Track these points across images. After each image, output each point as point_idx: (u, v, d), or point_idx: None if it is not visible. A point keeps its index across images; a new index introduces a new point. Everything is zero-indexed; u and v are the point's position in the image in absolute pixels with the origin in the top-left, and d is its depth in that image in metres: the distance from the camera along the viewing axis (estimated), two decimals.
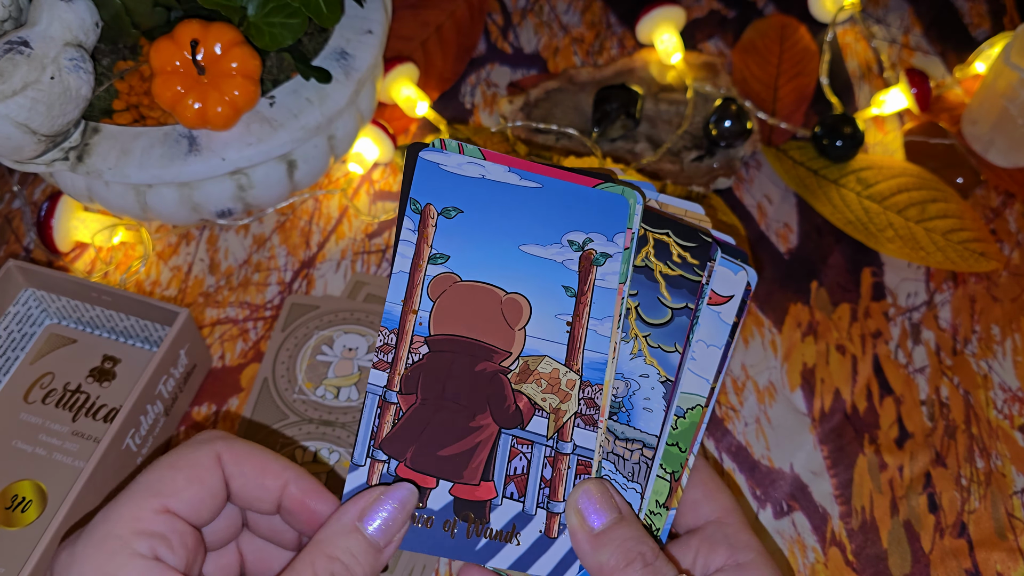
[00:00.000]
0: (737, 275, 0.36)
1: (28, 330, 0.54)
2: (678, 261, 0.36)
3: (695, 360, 0.36)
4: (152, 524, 0.30)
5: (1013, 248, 0.61)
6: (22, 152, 0.47)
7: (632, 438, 0.35)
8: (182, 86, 0.49)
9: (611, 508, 0.33)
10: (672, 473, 0.35)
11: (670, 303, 0.36)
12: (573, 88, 0.68)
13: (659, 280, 0.36)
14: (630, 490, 0.35)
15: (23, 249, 0.60)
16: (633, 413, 0.35)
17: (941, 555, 0.49)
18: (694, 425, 0.36)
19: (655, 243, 0.36)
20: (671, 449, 0.35)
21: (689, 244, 0.36)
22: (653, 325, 0.36)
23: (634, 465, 0.35)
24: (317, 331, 0.55)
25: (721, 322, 0.36)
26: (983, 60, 0.69)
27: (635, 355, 0.36)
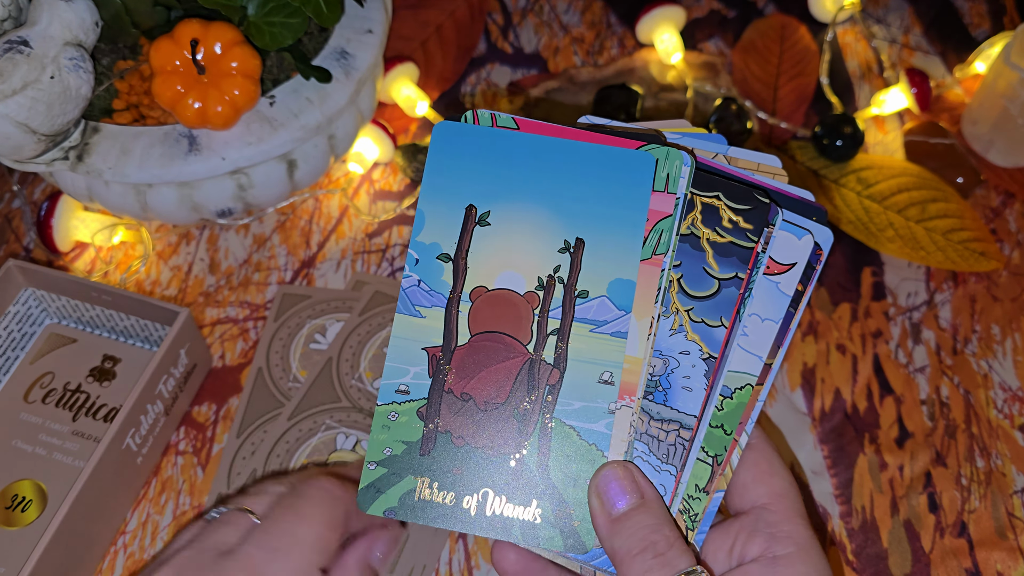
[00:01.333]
0: (802, 240, 0.33)
1: (28, 330, 0.54)
2: (728, 227, 0.33)
3: (747, 336, 0.33)
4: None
5: (1013, 248, 0.61)
6: (22, 151, 0.47)
7: (668, 419, 0.33)
8: (182, 85, 0.49)
9: (633, 491, 0.32)
10: (715, 457, 0.33)
11: (717, 273, 0.33)
12: (573, 88, 0.68)
13: (706, 248, 0.33)
14: (664, 472, 0.33)
15: (23, 249, 0.60)
16: (671, 392, 0.33)
17: (941, 554, 0.49)
18: (742, 406, 0.33)
19: (703, 208, 0.33)
20: (715, 431, 0.33)
21: (742, 207, 0.33)
22: (697, 298, 0.33)
23: (669, 447, 0.33)
24: (309, 320, 0.56)
25: (780, 293, 0.33)
26: (983, 60, 0.69)
27: (675, 331, 0.33)
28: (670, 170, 0.33)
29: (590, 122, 0.36)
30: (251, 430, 0.52)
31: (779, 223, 0.33)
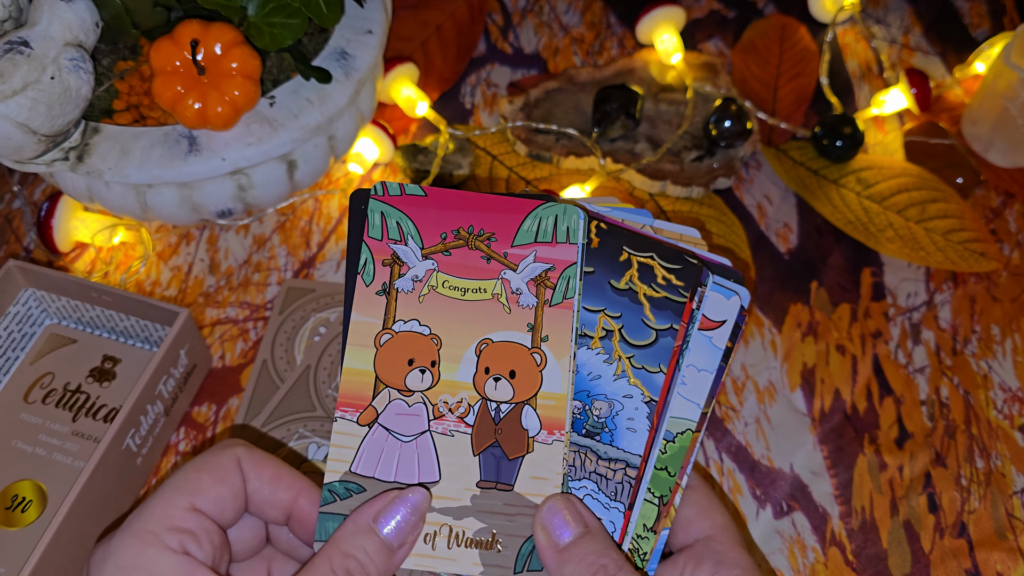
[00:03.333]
0: (730, 300, 0.37)
1: (28, 330, 0.54)
2: (663, 283, 0.37)
3: (685, 385, 0.36)
4: (182, 521, 0.32)
5: (1013, 248, 0.61)
6: (22, 152, 0.47)
7: (615, 458, 0.35)
8: (182, 86, 0.49)
9: (577, 523, 0.33)
10: (660, 497, 0.35)
11: (654, 324, 0.36)
12: (573, 88, 0.68)
13: (643, 302, 0.36)
14: (612, 509, 0.35)
15: (23, 249, 0.60)
16: (616, 433, 0.36)
17: (941, 555, 0.49)
18: (683, 450, 0.36)
19: (639, 266, 0.37)
20: (660, 473, 0.35)
21: (674, 266, 0.37)
22: (637, 346, 0.36)
23: (617, 484, 0.35)
24: (314, 313, 0.56)
25: (713, 347, 0.36)
26: (983, 60, 0.69)
27: (619, 376, 0.36)
28: (568, 223, 0.37)
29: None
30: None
31: (710, 284, 0.37)
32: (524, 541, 0.34)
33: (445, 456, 0.35)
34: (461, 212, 0.37)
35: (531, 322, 0.36)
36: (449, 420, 0.35)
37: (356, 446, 0.34)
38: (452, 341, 0.36)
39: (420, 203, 0.37)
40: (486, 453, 0.35)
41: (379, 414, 0.35)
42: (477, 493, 0.34)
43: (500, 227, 0.37)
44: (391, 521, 0.33)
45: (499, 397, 0.35)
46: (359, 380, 0.35)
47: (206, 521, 0.32)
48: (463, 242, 0.37)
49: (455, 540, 0.34)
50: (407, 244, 0.36)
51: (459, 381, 0.35)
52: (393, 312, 0.36)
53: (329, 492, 0.34)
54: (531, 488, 0.34)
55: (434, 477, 0.34)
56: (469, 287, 0.36)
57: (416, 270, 0.36)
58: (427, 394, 0.35)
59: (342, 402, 0.35)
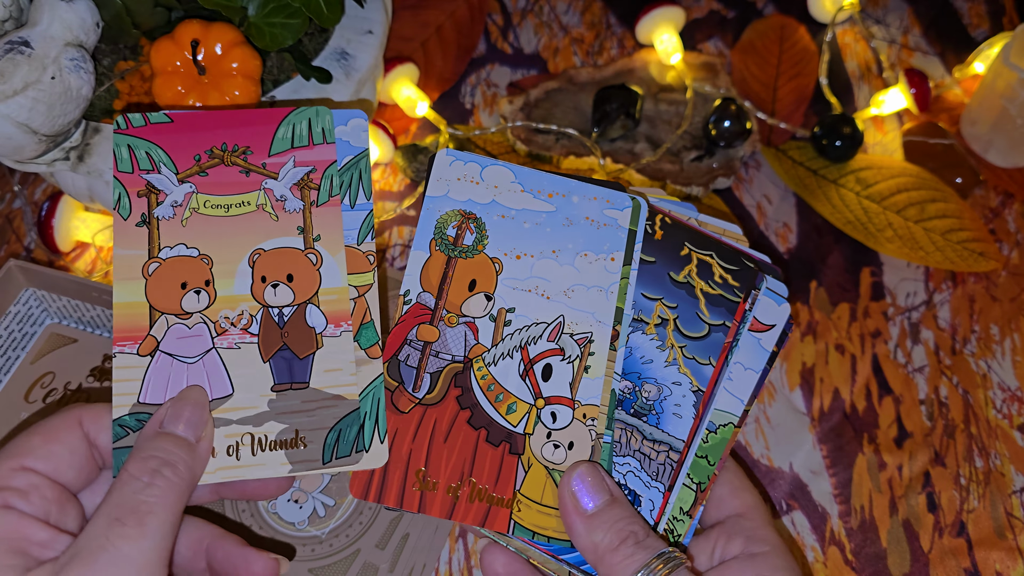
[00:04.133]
0: (780, 306, 0.39)
1: (29, 330, 0.54)
2: (719, 282, 0.39)
3: (732, 381, 0.38)
4: (6, 480, 0.33)
5: (1012, 248, 0.61)
6: (23, 152, 0.47)
7: (659, 440, 0.37)
8: (183, 86, 0.49)
9: (603, 490, 0.35)
10: (699, 484, 0.37)
11: (708, 319, 0.38)
12: (573, 88, 0.68)
13: (699, 297, 0.38)
14: (653, 488, 0.37)
15: (24, 249, 0.61)
16: (663, 417, 0.37)
17: (940, 554, 0.49)
18: (724, 441, 0.37)
19: (698, 262, 0.39)
20: (700, 461, 0.37)
21: (731, 267, 0.39)
22: (690, 338, 0.38)
23: (659, 465, 0.37)
24: None
25: (761, 348, 0.38)
26: (982, 60, 0.69)
27: (670, 363, 0.38)
28: (323, 124, 0.38)
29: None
30: None
31: (763, 289, 0.39)
32: (328, 432, 0.35)
33: (235, 368, 0.35)
34: (212, 132, 0.37)
35: (300, 225, 0.37)
36: (233, 333, 0.36)
37: (140, 377, 0.35)
38: (223, 257, 0.36)
39: (168, 130, 0.37)
40: (276, 357, 0.35)
41: (159, 342, 0.35)
42: (273, 397, 0.35)
43: (254, 140, 0.37)
44: (179, 421, 0.33)
45: (280, 302, 0.36)
46: (132, 312, 0.35)
47: (36, 478, 0.33)
48: (218, 160, 0.37)
49: (259, 446, 0.34)
50: (160, 172, 0.37)
51: (237, 295, 0.36)
52: (157, 240, 0.36)
53: (120, 427, 0.34)
54: (327, 381, 0.35)
55: (227, 391, 0.35)
56: (232, 203, 0.37)
57: (174, 196, 0.37)
58: (206, 313, 0.36)
59: (118, 337, 0.35)
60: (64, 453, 0.34)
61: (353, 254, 0.37)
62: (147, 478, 0.31)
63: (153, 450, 0.32)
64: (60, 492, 0.34)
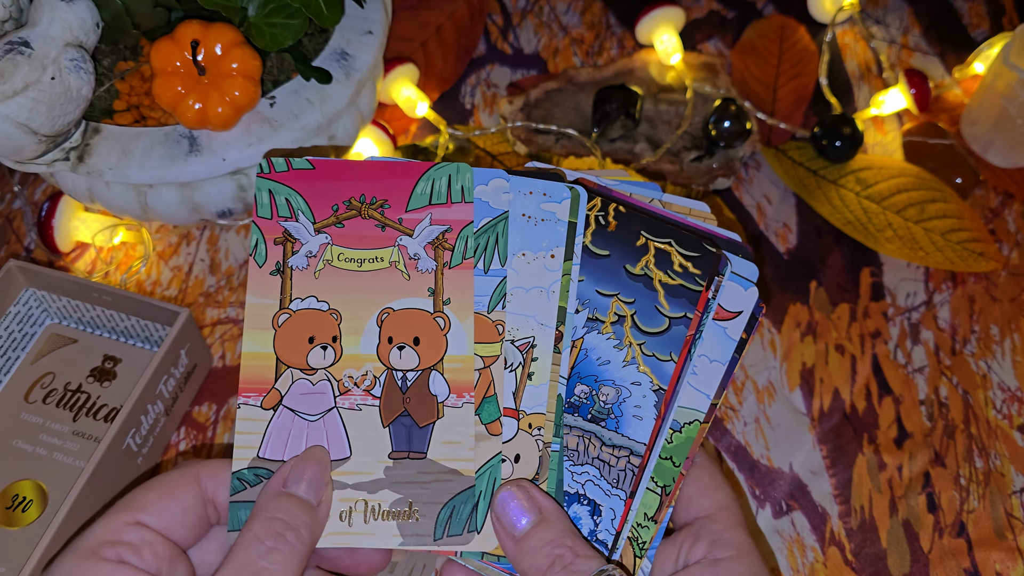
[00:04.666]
0: (747, 291, 0.36)
1: (29, 330, 0.54)
2: (679, 271, 0.36)
3: (696, 375, 0.35)
4: (121, 534, 0.32)
5: (1012, 248, 0.61)
6: (23, 152, 0.47)
7: (619, 444, 0.35)
8: (183, 86, 0.49)
9: (532, 509, 0.33)
10: (663, 487, 0.35)
11: (668, 312, 0.36)
12: (573, 88, 0.68)
13: (658, 289, 0.36)
14: (614, 496, 0.35)
15: (24, 249, 0.61)
16: (622, 420, 0.35)
17: (940, 555, 0.49)
18: (690, 440, 0.35)
19: (656, 252, 0.36)
20: (664, 463, 0.35)
21: (691, 254, 0.36)
22: (649, 333, 0.36)
23: (619, 472, 0.35)
24: None
25: (727, 338, 0.36)
26: (982, 60, 0.69)
27: (628, 362, 0.35)
28: (463, 183, 0.36)
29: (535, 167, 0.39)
30: None
31: (728, 274, 0.36)
32: (441, 507, 0.34)
33: (354, 430, 0.34)
34: (351, 182, 0.36)
35: (432, 286, 0.36)
36: (355, 394, 0.35)
37: (262, 431, 0.34)
38: (352, 314, 0.35)
39: (308, 177, 0.36)
40: (396, 423, 0.34)
41: (283, 396, 0.34)
42: (390, 464, 0.34)
43: (392, 193, 0.36)
44: (301, 481, 0.33)
45: (405, 365, 0.35)
46: (260, 364, 0.35)
47: (150, 534, 0.32)
48: (356, 212, 0.36)
49: (371, 514, 0.33)
50: (298, 220, 0.36)
51: (362, 354, 0.35)
52: (289, 291, 0.35)
53: (239, 480, 0.33)
54: (444, 453, 0.34)
55: (344, 453, 0.34)
56: (365, 257, 0.36)
57: (309, 245, 0.36)
58: (331, 371, 0.35)
59: (244, 388, 0.34)
60: (178, 510, 0.33)
61: (482, 322, 0.35)
62: (271, 542, 0.31)
63: (277, 511, 0.32)
64: (172, 549, 0.33)
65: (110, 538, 0.32)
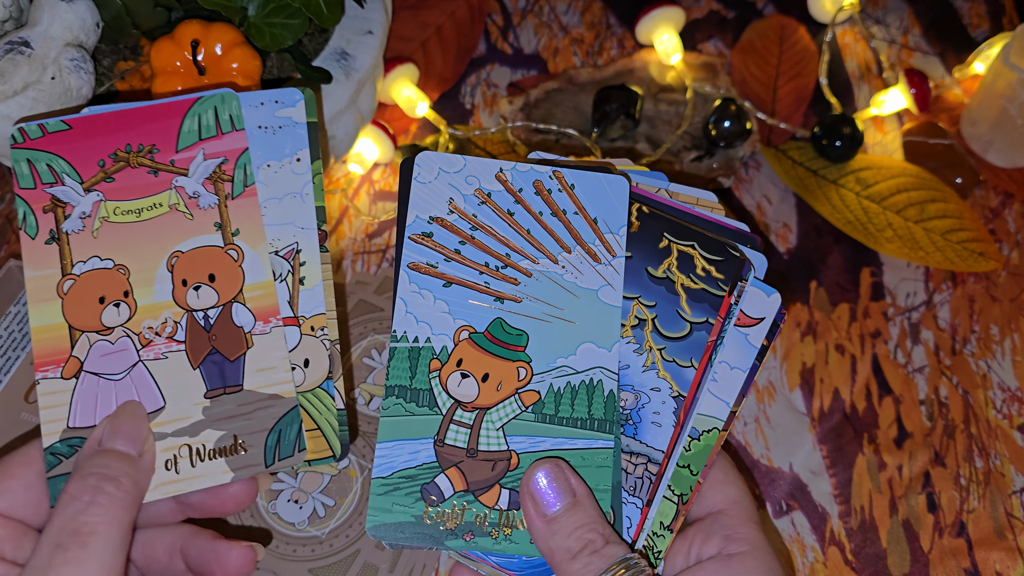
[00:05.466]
0: (770, 297, 0.35)
1: (29, 330, 0.54)
2: (702, 275, 0.35)
3: (716, 382, 0.35)
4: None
5: (1012, 248, 0.61)
6: None
7: (637, 451, 0.34)
8: (183, 86, 0.49)
9: (566, 492, 0.33)
10: (680, 496, 0.34)
11: (689, 317, 0.35)
12: (573, 88, 0.68)
13: (680, 293, 0.35)
14: (630, 504, 0.34)
15: None
16: (640, 427, 0.34)
17: (940, 554, 0.49)
18: (709, 448, 0.35)
19: (679, 255, 0.35)
20: (681, 471, 0.34)
21: (715, 258, 0.35)
22: (670, 339, 0.35)
23: (637, 479, 0.34)
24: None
25: (748, 344, 0.35)
26: (982, 60, 0.69)
27: (648, 368, 0.35)
28: (230, 111, 0.36)
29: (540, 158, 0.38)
30: None
31: (751, 279, 0.35)
32: (268, 433, 0.34)
33: (164, 379, 0.34)
34: (114, 134, 0.35)
35: (217, 220, 0.35)
36: (158, 343, 0.34)
37: (68, 401, 0.34)
38: (140, 266, 0.35)
39: (67, 138, 0.35)
40: (206, 362, 0.34)
41: (83, 362, 0.34)
42: (207, 404, 0.34)
43: (160, 137, 0.36)
44: (118, 436, 0.32)
45: (204, 304, 0.35)
46: (52, 335, 0.34)
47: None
48: (124, 163, 0.35)
49: (197, 456, 0.33)
50: (64, 183, 0.35)
51: (158, 302, 0.34)
52: (69, 256, 0.35)
53: (52, 455, 0.33)
54: (261, 381, 0.34)
55: (158, 404, 0.34)
56: (143, 206, 0.35)
57: (82, 206, 0.35)
58: (128, 326, 0.34)
59: (39, 362, 0.34)
60: (19, 489, 0.33)
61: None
62: (88, 496, 0.30)
63: (93, 467, 0.31)
64: (14, 528, 0.33)
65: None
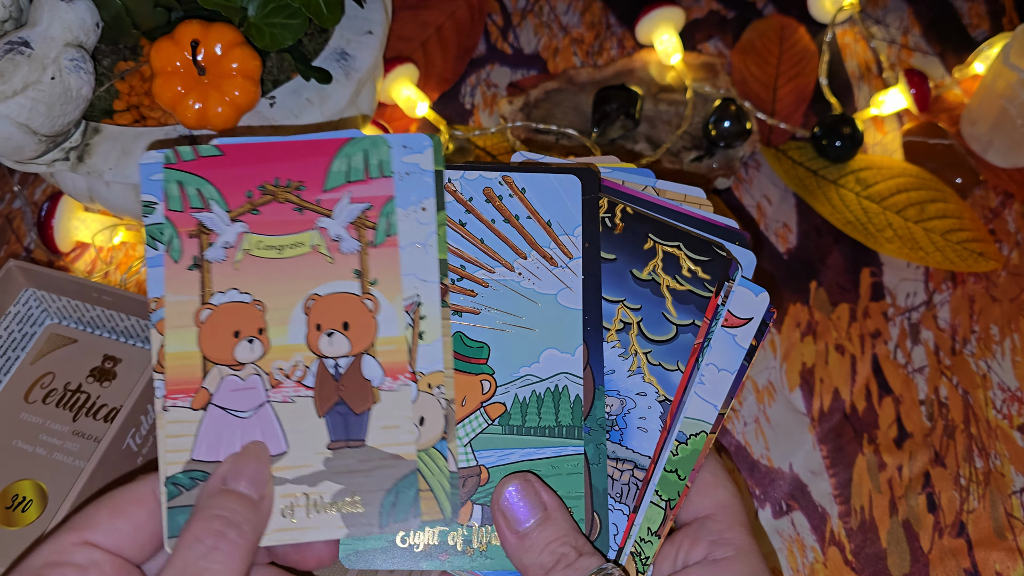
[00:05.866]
0: (758, 296, 0.34)
1: (29, 330, 0.54)
2: (687, 276, 0.35)
3: (704, 384, 0.34)
4: (67, 555, 0.31)
5: (1012, 248, 0.61)
6: (23, 152, 0.47)
7: (623, 458, 0.34)
8: (183, 86, 0.49)
9: (536, 506, 0.33)
10: (668, 501, 0.34)
11: (676, 319, 0.34)
12: (573, 88, 0.68)
13: (665, 295, 0.35)
14: (616, 511, 0.34)
15: (24, 249, 0.61)
16: (627, 432, 0.34)
17: (940, 555, 0.49)
18: (696, 452, 0.34)
19: (664, 256, 0.35)
20: (669, 476, 0.34)
21: (701, 258, 0.35)
22: (656, 342, 0.34)
23: (623, 486, 0.34)
24: None
25: (736, 346, 0.34)
26: (982, 60, 0.69)
27: (633, 372, 0.34)
28: (380, 156, 0.35)
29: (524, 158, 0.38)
30: None
31: (738, 279, 0.35)
32: (385, 494, 0.33)
33: (289, 424, 0.33)
34: (265, 165, 0.35)
35: (357, 268, 0.34)
36: (287, 386, 0.34)
37: (194, 432, 0.33)
38: (277, 303, 0.34)
39: (219, 164, 0.34)
40: (332, 412, 0.33)
41: (212, 395, 0.33)
42: (329, 455, 0.33)
43: (308, 173, 0.35)
44: (242, 477, 0.32)
45: (336, 352, 0.34)
46: (185, 363, 0.33)
47: (98, 554, 0.32)
48: (271, 196, 0.35)
49: (314, 508, 0.33)
50: (212, 210, 0.34)
51: (291, 344, 0.34)
52: (209, 285, 0.34)
53: (174, 485, 0.32)
54: (384, 439, 0.33)
55: (281, 448, 0.33)
56: (285, 243, 0.34)
57: (226, 236, 0.34)
58: (259, 364, 0.34)
59: (171, 390, 0.33)
60: (129, 529, 0.32)
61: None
62: (211, 541, 0.30)
63: (216, 509, 0.31)
64: (121, 568, 0.32)
65: (56, 559, 0.31)
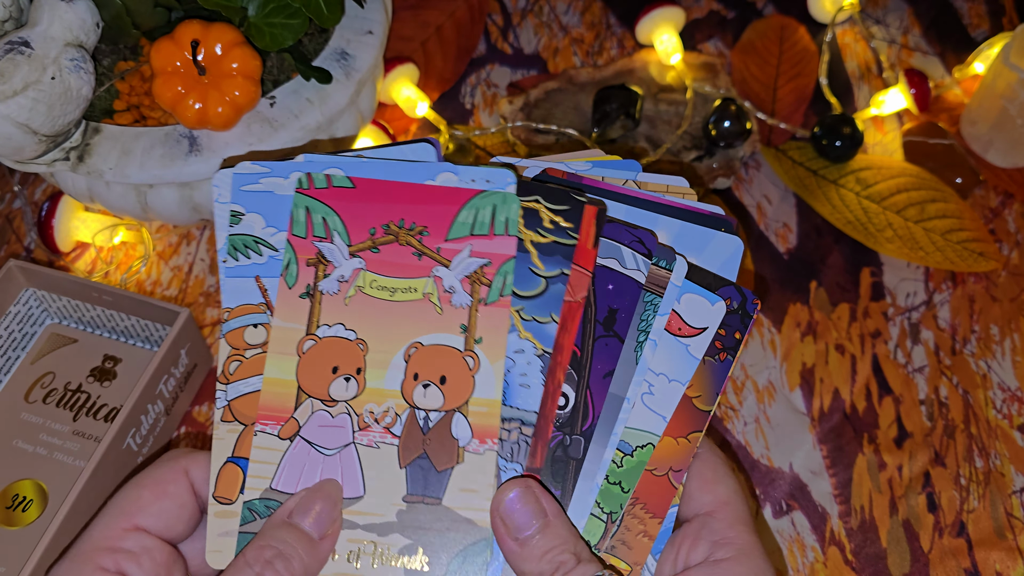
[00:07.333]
0: (714, 306, 0.34)
1: (29, 330, 0.54)
2: (550, 227, 0.34)
3: (652, 395, 0.34)
4: (119, 541, 0.31)
5: (1012, 248, 0.61)
6: (23, 152, 0.47)
7: (508, 417, 0.33)
8: (183, 86, 0.49)
9: (537, 513, 0.32)
10: (610, 514, 0.33)
11: (543, 272, 0.34)
12: (573, 88, 0.68)
13: (530, 249, 0.34)
14: (510, 471, 0.33)
15: (24, 249, 0.61)
16: (509, 391, 0.33)
17: (940, 554, 0.49)
18: (642, 464, 0.33)
19: (524, 212, 0.34)
20: (612, 488, 0.33)
21: (560, 207, 0.34)
22: (526, 297, 0.34)
23: (512, 445, 0.33)
24: None
25: (689, 356, 0.34)
26: (982, 60, 0.69)
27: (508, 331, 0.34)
28: (508, 214, 0.34)
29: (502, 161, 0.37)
30: None
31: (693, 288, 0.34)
32: (452, 558, 0.32)
33: (370, 469, 0.33)
34: (392, 204, 0.34)
35: (464, 323, 0.34)
36: (375, 431, 0.33)
37: (277, 461, 0.33)
38: (379, 346, 0.33)
39: (347, 196, 0.34)
40: (413, 465, 0.33)
41: (301, 427, 0.33)
42: (404, 508, 0.33)
43: (433, 219, 0.34)
44: (308, 514, 0.32)
45: (428, 405, 0.33)
46: (280, 391, 0.33)
47: (148, 539, 0.32)
48: (393, 237, 0.34)
49: (379, 558, 0.32)
50: (333, 242, 0.34)
51: (386, 389, 0.33)
52: (317, 316, 0.34)
53: (249, 511, 0.32)
54: (461, 501, 0.33)
55: (358, 492, 0.33)
56: (399, 287, 0.34)
57: (342, 269, 0.34)
58: (352, 404, 0.33)
59: (263, 415, 0.33)
60: (174, 509, 0.33)
61: None
62: (258, 568, 0.30)
63: (272, 539, 0.31)
64: (169, 554, 0.32)
65: (108, 545, 0.31)
